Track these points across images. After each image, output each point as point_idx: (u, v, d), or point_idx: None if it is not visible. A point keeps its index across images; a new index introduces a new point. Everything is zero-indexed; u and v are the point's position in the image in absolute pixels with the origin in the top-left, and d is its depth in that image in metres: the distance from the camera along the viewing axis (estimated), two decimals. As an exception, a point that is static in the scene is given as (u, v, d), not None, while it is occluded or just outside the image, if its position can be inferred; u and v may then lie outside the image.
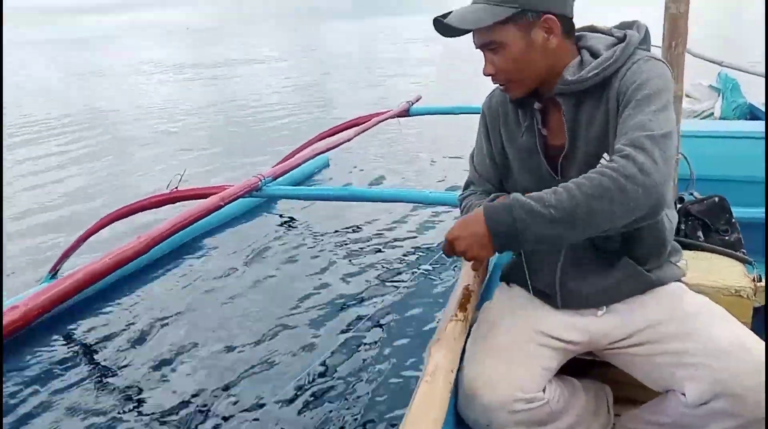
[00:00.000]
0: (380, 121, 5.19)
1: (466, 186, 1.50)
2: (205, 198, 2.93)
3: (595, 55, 1.22)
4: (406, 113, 5.70)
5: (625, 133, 1.09)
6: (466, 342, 1.29)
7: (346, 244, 3.89)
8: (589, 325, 1.30)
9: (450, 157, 6.04)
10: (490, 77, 1.27)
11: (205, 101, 12.30)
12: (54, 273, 3.20)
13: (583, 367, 1.44)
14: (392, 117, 5.48)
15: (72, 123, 10.22)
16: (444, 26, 1.23)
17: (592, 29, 1.31)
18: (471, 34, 1.24)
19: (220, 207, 2.90)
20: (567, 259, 1.28)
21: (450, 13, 1.24)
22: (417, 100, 5.99)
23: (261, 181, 3.19)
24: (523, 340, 1.27)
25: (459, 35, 1.25)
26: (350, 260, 3.60)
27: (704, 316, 1.21)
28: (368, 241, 3.93)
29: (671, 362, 1.18)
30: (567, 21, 1.22)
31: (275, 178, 3.42)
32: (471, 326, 1.35)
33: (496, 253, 1.14)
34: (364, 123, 5.02)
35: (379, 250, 3.73)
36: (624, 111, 1.13)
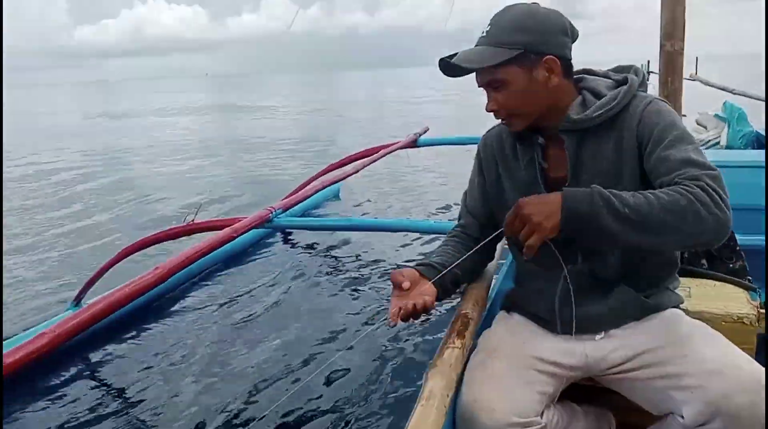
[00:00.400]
0: (388, 153, 5.25)
1: (458, 219, 1.56)
2: (219, 229, 2.99)
3: (597, 95, 1.29)
4: (414, 144, 5.76)
5: (676, 169, 1.14)
6: (465, 368, 1.31)
7: (352, 272, 3.94)
8: (587, 350, 1.31)
9: (456, 187, 6.10)
10: (492, 113, 1.33)
11: (220, 140, 12.54)
12: (78, 302, 3.27)
13: (586, 393, 1.44)
14: (400, 148, 5.55)
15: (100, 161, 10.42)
16: (448, 67, 1.30)
17: (589, 72, 1.38)
18: (474, 73, 1.30)
19: (233, 238, 2.96)
20: (566, 286, 1.30)
21: (455, 54, 1.30)
22: (425, 132, 6.06)
23: (272, 213, 3.26)
24: (522, 366, 1.28)
25: (462, 75, 1.32)
26: (355, 287, 3.64)
27: (698, 338, 1.23)
28: (374, 268, 3.97)
29: (668, 385, 1.19)
30: (566, 62, 1.29)
31: (285, 210, 3.47)
32: (470, 353, 1.37)
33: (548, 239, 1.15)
34: (372, 154, 5.10)
35: (384, 278, 3.77)
36: (656, 150, 1.19)
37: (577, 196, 1.11)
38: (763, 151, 3.78)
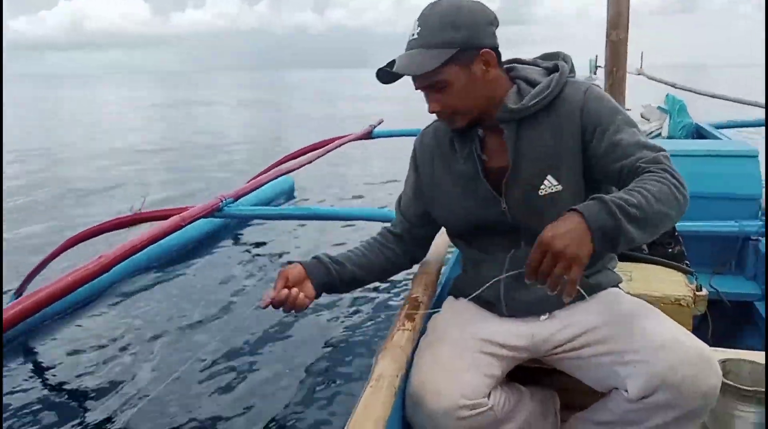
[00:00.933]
0: (343, 144, 5.24)
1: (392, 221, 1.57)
2: (166, 219, 2.92)
3: (531, 83, 1.31)
4: (369, 136, 5.77)
5: (632, 153, 1.18)
6: (415, 352, 1.33)
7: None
8: (533, 330, 1.35)
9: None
10: (434, 113, 1.33)
11: (166, 137, 12.21)
12: (19, 294, 3.15)
13: (532, 375, 1.49)
14: (355, 139, 5.54)
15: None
16: (383, 74, 1.30)
17: (519, 61, 1.40)
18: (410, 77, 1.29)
19: (181, 227, 2.89)
20: (511, 269, 1.33)
21: (393, 62, 1.29)
22: (379, 123, 6.07)
23: (222, 201, 3.20)
24: (468, 349, 1.30)
25: (396, 80, 1.32)
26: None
27: (640, 315, 1.27)
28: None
29: (612, 361, 1.23)
30: (498, 53, 1.30)
31: (236, 199, 3.42)
32: (420, 337, 1.39)
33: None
34: (326, 145, 5.07)
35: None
36: (605, 135, 1.22)
37: (599, 214, 1.03)
38: (704, 141, 3.96)
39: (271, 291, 1.27)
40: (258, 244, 4.50)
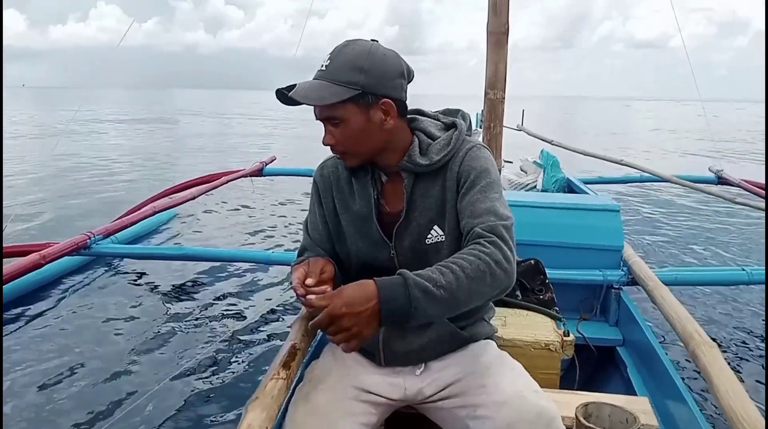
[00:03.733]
0: (231, 180, 5.12)
1: (301, 252, 1.49)
2: (24, 255, 2.67)
3: (430, 136, 1.35)
4: (259, 173, 5.68)
5: (479, 215, 1.21)
6: (290, 400, 1.27)
7: (181, 303, 3.70)
8: (407, 383, 1.36)
9: (299, 219, 6.08)
10: (329, 146, 1.33)
11: (43, 159, 11.30)
12: None
13: (408, 421, 1.48)
14: (244, 176, 5.43)
15: None
16: (284, 98, 1.28)
17: (421, 113, 1.43)
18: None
19: (41, 265, 2.66)
20: None
21: (294, 86, 1.28)
22: (272, 161, 6.00)
23: (90, 238, 2.98)
24: (345, 398, 1.28)
25: (297, 105, 1.30)
26: (185, 320, 3.43)
27: (496, 369, 1.32)
28: (206, 299, 3.78)
29: (467, 415, 1.26)
30: (402, 104, 1.32)
31: (107, 235, 3.20)
32: (296, 384, 1.34)
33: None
34: (213, 181, 4.92)
35: (214, 308, 3.62)
36: (468, 193, 1.26)
37: (394, 293, 1.07)
38: (574, 196, 4.27)
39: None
40: (133, 279, 4.17)
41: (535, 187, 5.39)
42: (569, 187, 5.35)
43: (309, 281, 1.26)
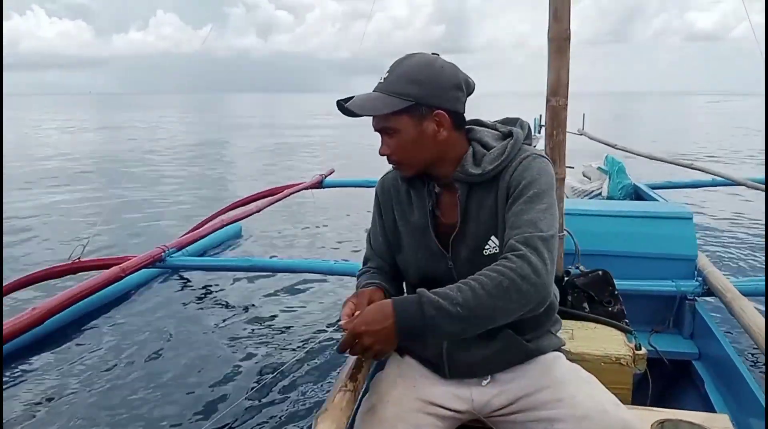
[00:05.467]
0: (293, 193, 5.23)
1: (365, 262, 1.55)
2: (107, 268, 2.83)
3: (485, 146, 1.34)
4: (319, 185, 5.78)
5: (519, 227, 1.20)
6: (356, 412, 1.29)
7: (250, 314, 3.81)
8: (474, 394, 1.35)
9: (360, 229, 6.13)
10: (385, 157, 1.36)
11: (104, 166, 11.83)
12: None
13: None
14: (305, 188, 5.54)
15: None
16: (344, 109, 1.32)
17: (479, 123, 1.43)
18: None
19: (121, 278, 2.81)
20: None
21: (352, 97, 1.32)
22: (330, 173, 6.10)
23: (164, 251, 3.12)
24: (411, 410, 1.29)
25: (357, 116, 1.33)
26: (253, 330, 3.53)
27: (571, 383, 1.29)
28: (271, 310, 3.88)
29: None
30: (458, 116, 1.32)
31: (180, 249, 3.34)
32: (363, 396, 1.36)
33: None
34: (276, 194, 5.05)
35: (281, 319, 3.69)
36: (514, 204, 1.24)
37: (409, 312, 1.12)
38: (643, 202, 4.13)
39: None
40: (203, 290, 4.35)
41: (600, 194, 5.23)
42: (636, 194, 5.17)
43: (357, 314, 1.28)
